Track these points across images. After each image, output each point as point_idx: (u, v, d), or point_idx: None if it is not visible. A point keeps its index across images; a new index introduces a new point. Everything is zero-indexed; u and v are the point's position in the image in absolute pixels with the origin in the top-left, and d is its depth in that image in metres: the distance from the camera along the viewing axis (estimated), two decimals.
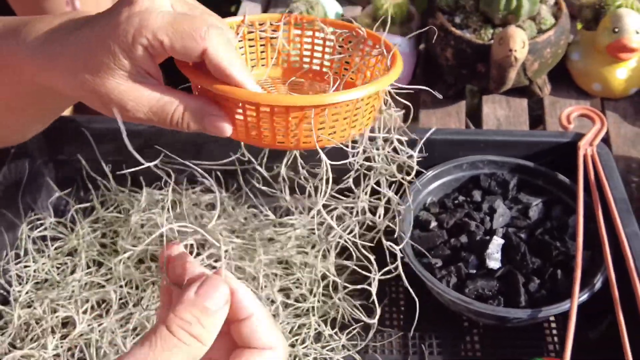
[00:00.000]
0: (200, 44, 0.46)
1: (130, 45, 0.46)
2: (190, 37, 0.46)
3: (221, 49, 0.46)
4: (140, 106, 0.48)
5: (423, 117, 1.02)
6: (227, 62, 0.46)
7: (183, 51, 0.46)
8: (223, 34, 0.47)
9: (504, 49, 0.88)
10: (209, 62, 0.46)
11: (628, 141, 0.96)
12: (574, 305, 0.65)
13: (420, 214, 0.78)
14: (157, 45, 0.46)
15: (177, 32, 0.46)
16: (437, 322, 0.74)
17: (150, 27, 0.45)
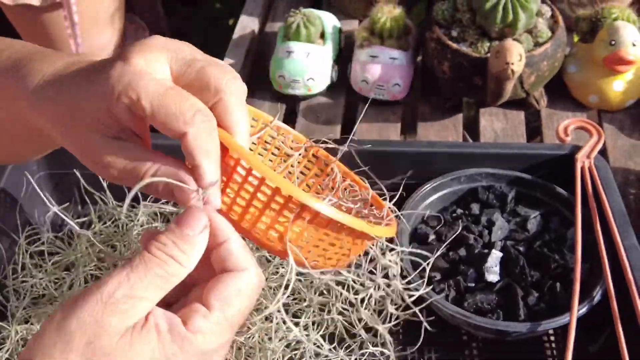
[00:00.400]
0: (182, 127, 0.44)
1: (114, 102, 0.45)
2: (174, 117, 0.44)
3: (201, 139, 0.44)
4: (114, 164, 0.46)
5: (421, 129, 1.02)
6: (201, 154, 0.45)
7: (162, 126, 0.45)
8: (208, 122, 0.45)
9: (500, 62, 0.88)
10: (184, 147, 0.45)
11: (625, 153, 0.96)
12: (573, 319, 0.65)
13: (418, 227, 0.78)
14: (139, 109, 0.45)
15: (162, 106, 0.44)
16: (436, 336, 0.74)
17: (137, 90, 0.44)
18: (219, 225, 0.45)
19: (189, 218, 0.43)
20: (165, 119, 0.44)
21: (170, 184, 0.45)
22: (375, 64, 1.02)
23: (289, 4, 1.26)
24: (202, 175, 0.45)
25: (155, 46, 0.46)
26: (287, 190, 0.46)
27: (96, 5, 1.26)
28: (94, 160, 0.47)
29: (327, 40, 1.07)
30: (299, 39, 1.04)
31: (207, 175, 0.45)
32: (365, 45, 1.04)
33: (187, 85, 0.46)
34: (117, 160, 0.46)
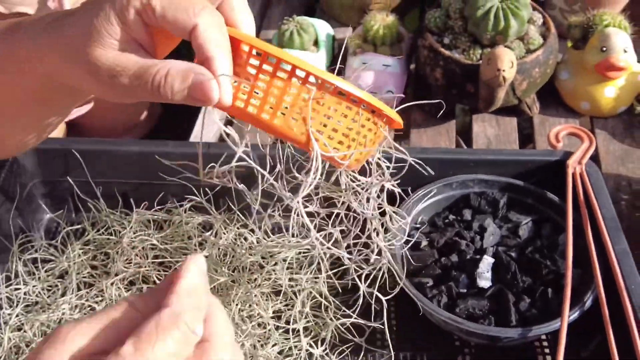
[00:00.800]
0: (192, 19, 0.45)
1: (124, 8, 0.45)
2: (183, 10, 0.45)
3: (211, 31, 0.45)
4: (125, 70, 0.46)
5: (414, 136, 1.02)
6: (213, 44, 0.45)
7: (173, 22, 0.45)
8: (217, 16, 0.46)
9: (492, 69, 0.89)
10: (195, 39, 0.45)
11: (617, 159, 0.96)
12: (564, 324, 0.65)
13: (411, 233, 0.79)
14: (149, 11, 0.45)
15: (172, 2, 0.45)
16: (429, 342, 0.74)
17: None
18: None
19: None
20: (174, 14, 0.45)
21: (188, 79, 0.45)
22: (368, 71, 1.03)
23: (283, 12, 1.26)
24: (215, 66, 0.45)
25: None
26: (304, 67, 0.46)
27: None
28: (107, 72, 0.47)
29: (320, 47, 1.07)
30: (292, 47, 1.04)
31: (220, 65, 0.45)
32: (358, 53, 1.05)
33: None
34: (128, 66, 0.46)
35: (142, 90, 0.46)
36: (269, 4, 1.30)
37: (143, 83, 0.46)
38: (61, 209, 0.84)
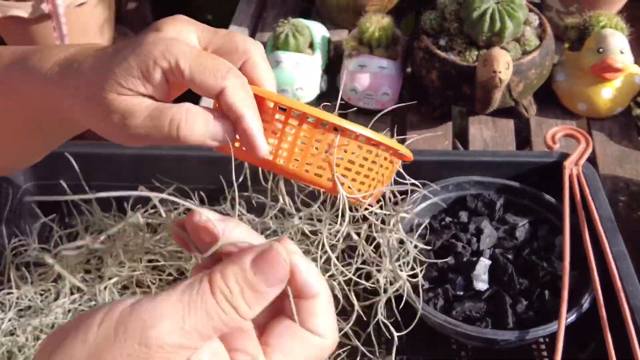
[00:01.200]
0: (219, 82, 0.46)
1: (151, 66, 0.46)
2: (211, 74, 0.46)
3: (238, 92, 0.47)
4: (138, 113, 0.47)
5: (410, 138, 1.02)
6: (242, 104, 0.46)
7: (201, 85, 0.47)
8: (241, 76, 0.47)
9: (488, 71, 0.88)
10: (224, 101, 0.46)
11: (615, 160, 0.96)
12: (561, 326, 0.65)
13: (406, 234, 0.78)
14: (177, 73, 0.46)
15: (199, 65, 0.46)
16: (425, 345, 0.73)
17: (175, 54, 0.46)
18: (308, 278, 0.38)
19: (267, 266, 0.36)
20: (202, 77, 0.46)
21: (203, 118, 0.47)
22: (364, 73, 1.02)
23: (278, 14, 1.26)
24: (246, 124, 0.46)
25: (182, 19, 0.50)
26: (327, 119, 0.48)
27: (85, 16, 1.26)
28: (119, 113, 0.47)
29: (316, 49, 1.07)
30: (287, 49, 1.04)
31: (250, 122, 0.46)
32: (353, 55, 1.04)
33: (215, 51, 0.49)
34: (142, 108, 0.47)
35: (157, 131, 0.47)
36: (265, 7, 1.29)
37: (159, 124, 0.47)
38: (54, 213, 0.83)
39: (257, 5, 1.28)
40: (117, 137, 0.49)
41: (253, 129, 0.47)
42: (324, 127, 0.49)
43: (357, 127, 0.50)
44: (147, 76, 0.46)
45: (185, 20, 0.50)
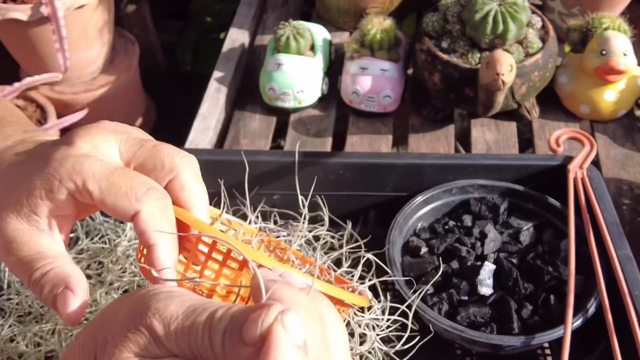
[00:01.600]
0: (133, 205, 0.41)
1: (55, 187, 0.42)
2: (123, 196, 0.41)
3: (154, 216, 0.42)
4: (18, 252, 0.43)
5: (412, 141, 1.01)
6: (156, 233, 0.42)
7: (113, 208, 0.42)
8: (162, 198, 0.43)
9: (491, 73, 0.88)
10: (136, 227, 0.42)
11: (618, 163, 0.95)
12: (567, 331, 0.64)
13: (410, 239, 0.77)
14: (85, 195, 0.42)
15: (111, 186, 0.41)
16: (429, 351, 0.73)
17: (82, 174, 0.42)
18: None
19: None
20: (114, 200, 0.41)
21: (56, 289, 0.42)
22: (366, 76, 1.01)
23: (279, 17, 1.25)
24: (157, 256, 0.41)
25: (103, 128, 0.45)
26: (257, 259, 0.42)
27: (84, 19, 1.26)
28: (4, 244, 0.43)
29: (317, 52, 1.06)
30: (288, 51, 1.03)
31: (161, 256, 0.42)
32: (355, 57, 1.03)
33: (139, 166, 0.45)
34: (23, 247, 0.43)
35: (22, 279, 0.43)
36: (265, 9, 1.29)
37: (23, 274, 0.43)
38: None
39: (258, 7, 1.27)
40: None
41: (161, 262, 0.41)
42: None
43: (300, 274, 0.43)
44: (50, 197, 0.42)
45: (107, 130, 0.45)
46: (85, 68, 1.35)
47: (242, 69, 1.15)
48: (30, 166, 0.44)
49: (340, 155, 0.82)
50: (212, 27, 2.01)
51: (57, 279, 0.42)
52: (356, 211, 0.83)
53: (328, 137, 1.02)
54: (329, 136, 1.03)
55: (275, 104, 1.04)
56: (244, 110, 1.08)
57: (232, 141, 1.02)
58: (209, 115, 1.04)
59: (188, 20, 2.05)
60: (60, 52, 1.21)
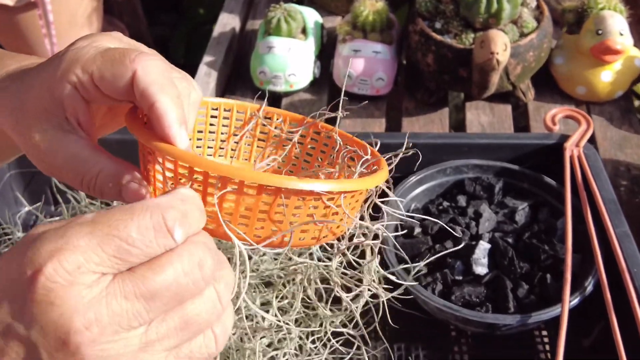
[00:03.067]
0: (129, 66, 0.39)
1: (58, 82, 0.41)
2: (119, 62, 0.40)
3: (153, 72, 0.40)
4: (56, 159, 0.43)
5: (406, 124, 1.00)
6: (156, 89, 0.39)
7: (112, 79, 0.40)
8: (159, 60, 0.41)
9: (485, 52, 0.86)
10: (136, 87, 0.39)
11: (615, 144, 0.94)
12: (564, 310, 0.62)
13: (404, 220, 0.76)
14: (86, 80, 0.41)
15: (106, 59, 0.40)
16: (423, 332, 0.71)
17: (81, 61, 0.41)
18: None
19: None
20: (111, 70, 0.40)
21: (118, 185, 0.42)
22: (358, 58, 1.00)
23: (270, 1, 1.23)
24: (162, 115, 0.39)
25: (106, 34, 0.44)
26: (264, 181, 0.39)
27: (73, 5, 1.23)
28: (37, 152, 0.43)
29: (308, 35, 1.04)
30: (279, 34, 1.01)
31: (167, 113, 0.39)
32: (347, 40, 1.02)
33: None
34: (59, 154, 0.42)
35: (72, 184, 0.43)
36: None
37: (73, 179, 0.43)
38: (39, 201, 0.81)
39: None
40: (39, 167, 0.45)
41: (168, 119, 0.39)
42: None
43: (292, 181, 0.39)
44: (57, 95, 0.42)
45: (108, 35, 0.44)
46: None
47: (232, 53, 1.13)
48: (37, 73, 0.43)
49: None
50: (205, 19, 1.98)
51: (110, 178, 0.42)
52: None
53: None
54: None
55: (267, 88, 1.03)
56: (234, 95, 1.06)
57: None
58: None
59: (180, 14, 2.03)
60: (47, 37, 1.19)
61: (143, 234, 0.32)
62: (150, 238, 0.33)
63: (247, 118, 0.55)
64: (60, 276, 0.31)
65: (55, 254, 0.31)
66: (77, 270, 0.31)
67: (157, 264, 0.33)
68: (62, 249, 0.31)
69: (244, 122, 0.55)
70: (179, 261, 0.33)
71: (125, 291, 0.32)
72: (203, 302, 0.35)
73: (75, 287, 0.31)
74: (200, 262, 0.34)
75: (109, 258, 0.32)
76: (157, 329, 0.34)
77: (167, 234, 0.33)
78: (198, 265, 0.34)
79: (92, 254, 0.32)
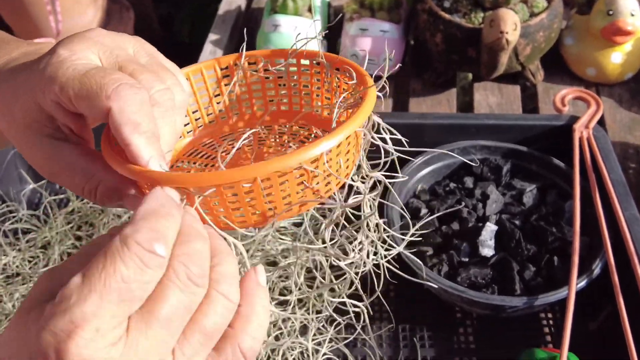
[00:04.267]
0: (104, 102, 0.38)
1: (41, 98, 0.41)
2: (95, 96, 0.38)
3: (127, 111, 0.38)
4: (53, 168, 0.43)
5: (413, 105, 0.99)
6: (130, 129, 0.38)
7: (88, 110, 0.39)
8: (137, 93, 0.39)
9: (494, 32, 0.85)
10: (111, 125, 0.39)
11: (624, 127, 0.93)
12: (571, 292, 0.62)
13: (410, 201, 0.75)
14: (65, 101, 0.40)
15: (83, 88, 0.39)
16: (429, 314, 0.71)
17: (58, 80, 0.39)
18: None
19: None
20: (88, 101, 0.38)
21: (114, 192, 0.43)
22: (366, 37, 0.98)
23: None
24: (137, 157, 0.38)
25: (88, 38, 0.42)
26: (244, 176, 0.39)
27: None
28: (33, 160, 0.44)
29: (315, 13, 1.03)
30: (286, 12, 1.00)
31: (142, 156, 0.38)
32: (355, 18, 1.00)
33: None
34: (56, 162, 0.43)
35: (70, 189, 0.44)
36: None
37: (72, 188, 0.43)
38: (43, 179, 0.80)
39: None
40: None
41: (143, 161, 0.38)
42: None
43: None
44: (46, 109, 0.42)
45: (92, 39, 0.42)
46: None
47: (238, 32, 1.12)
48: (27, 78, 0.43)
49: None
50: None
51: (110, 190, 0.42)
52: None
53: None
54: None
55: None
56: None
57: None
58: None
59: None
60: (52, 14, 1.18)
61: (132, 267, 0.32)
62: (139, 265, 0.32)
63: (233, 71, 0.55)
64: (84, 349, 0.31)
65: (72, 331, 0.31)
66: (97, 335, 0.31)
67: (156, 294, 0.33)
68: (75, 325, 0.31)
69: (231, 76, 0.55)
70: (171, 281, 0.33)
71: (142, 330, 0.33)
72: (213, 307, 0.35)
73: (100, 351, 0.31)
74: (189, 275, 0.34)
75: (117, 307, 0.32)
76: (182, 350, 0.34)
77: (152, 255, 0.32)
78: (188, 278, 0.34)
79: (103, 311, 0.31)
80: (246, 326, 0.37)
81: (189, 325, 0.35)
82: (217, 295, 0.35)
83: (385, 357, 0.67)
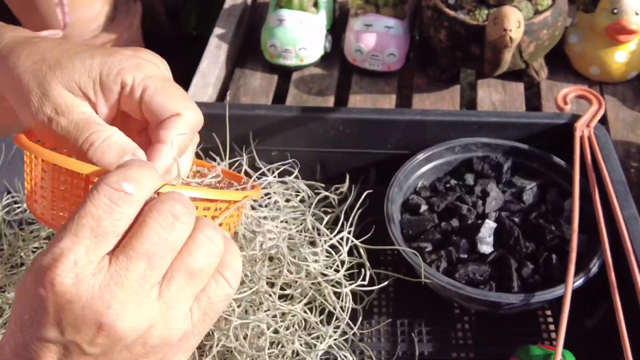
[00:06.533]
0: (179, 107, 0.46)
1: (113, 74, 0.46)
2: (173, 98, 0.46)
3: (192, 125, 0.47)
4: (69, 114, 0.45)
5: (416, 101, 0.99)
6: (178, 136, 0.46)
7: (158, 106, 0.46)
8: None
9: (498, 29, 0.85)
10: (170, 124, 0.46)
11: (627, 126, 0.93)
12: (568, 290, 0.62)
13: (410, 197, 0.76)
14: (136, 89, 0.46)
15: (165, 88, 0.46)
16: (427, 309, 0.71)
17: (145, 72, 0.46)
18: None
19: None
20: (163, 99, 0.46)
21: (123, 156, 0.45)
22: (370, 33, 0.99)
23: None
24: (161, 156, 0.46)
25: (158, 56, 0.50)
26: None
27: None
28: (51, 106, 0.45)
29: (320, 8, 1.03)
30: (291, 7, 1.01)
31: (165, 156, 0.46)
32: (359, 14, 1.01)
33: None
34: (74, 109, 0.45)
35: (71, 140, 0.45)
36: None
37: (78, 135, 0.45)
38: None
39: None
40: (30, 122, 0.46)
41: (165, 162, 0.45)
42: None
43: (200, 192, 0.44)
44: (103, 82, 0.46)
45: (160, 57, 0.50)
46: (85, 26, 1.32)
47: (244, 26, 1.13)
48: (93, 50, 0.47)
49: (340, 110, 0.80)
50: None
51: (123, 144, 0.45)
52: (356, 169, 0.81)
53: (330, 96, 1.00)
54: (331, 95, 1.00)
55: (277, 62, 1.02)
56: (244, 68, 1.05)
57: (232, 99, 1.00)
58: (209, 72, 1.01)
59: None
60: (59, 7, 1.18)
61: (101, 206, 0.36)
62: (108, 204, 0.36)
63: None
64: (65, 278, 0.35)
65: (52, 264, 0.35)
66: (75, 266, 0.35)
67: (136, 229, 0.37)
68: (54, 259, 0.35)
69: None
70: (152, 218, 0.37)
71: (123, 263, 0.36)
72: (197, 247, 0.39)
73: (82, 280, 0.35)
74: (173, 212, 0.38)
75: (91, 241, 0.36)
76: (168, 286, 0.38)
77: (119, 192, 0.36)
78: (171, 215, 0.37)
79: (78, 246, 0.36)
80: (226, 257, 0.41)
81: (175, 262, 0.38)
82: (201, 237, 0.39)
83: (383, 351, 0.68)
